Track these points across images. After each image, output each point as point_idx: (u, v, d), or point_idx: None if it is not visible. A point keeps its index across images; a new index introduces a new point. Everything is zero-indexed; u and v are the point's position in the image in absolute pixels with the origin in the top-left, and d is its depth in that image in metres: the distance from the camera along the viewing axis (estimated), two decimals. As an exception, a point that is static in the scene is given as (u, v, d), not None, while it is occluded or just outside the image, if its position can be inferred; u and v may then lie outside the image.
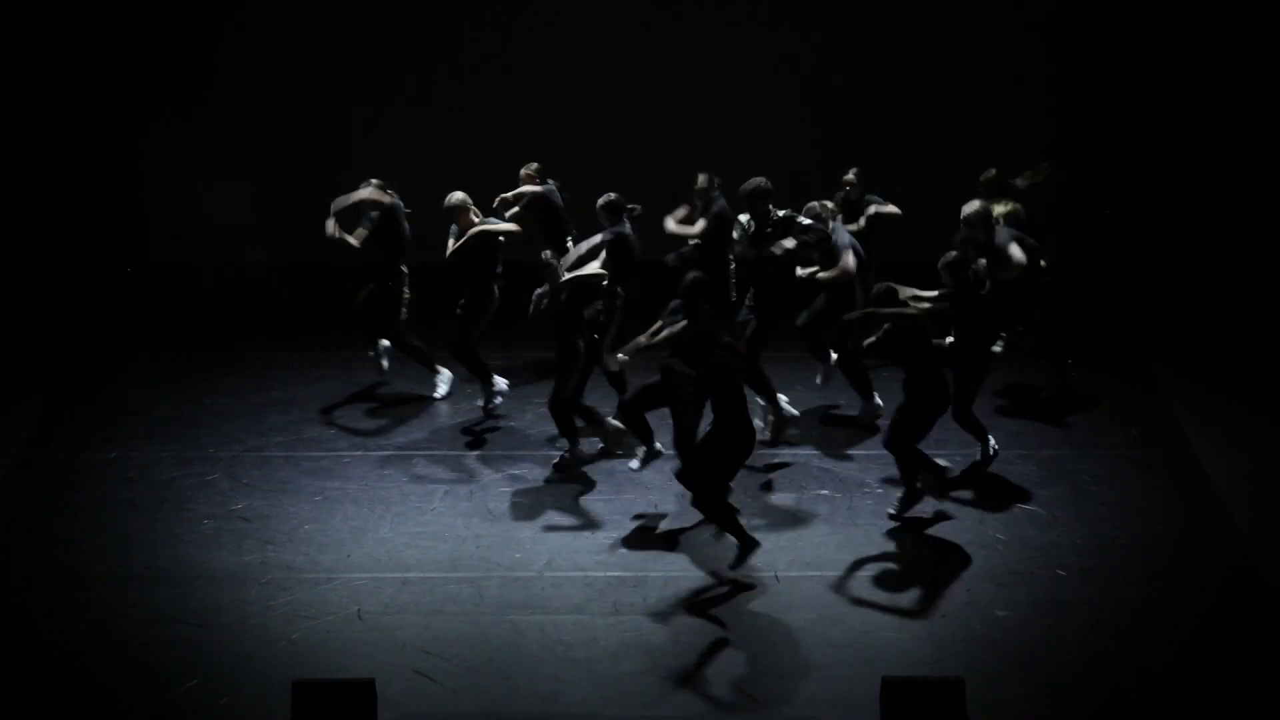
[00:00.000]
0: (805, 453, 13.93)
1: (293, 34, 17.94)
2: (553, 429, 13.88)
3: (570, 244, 14.51)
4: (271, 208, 17.67)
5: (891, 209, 15.44)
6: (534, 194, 15.06)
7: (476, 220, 14.29)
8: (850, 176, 15.55)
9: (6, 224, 16.51)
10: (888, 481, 13.23)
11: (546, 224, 15.14)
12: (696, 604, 11.72)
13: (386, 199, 14.80)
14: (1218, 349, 15.70)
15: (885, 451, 13.23)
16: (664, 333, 12.49)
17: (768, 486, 13.33)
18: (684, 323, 12.29)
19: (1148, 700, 10.63)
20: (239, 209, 17.43)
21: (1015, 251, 13.72)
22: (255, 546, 12.46)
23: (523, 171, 15.20)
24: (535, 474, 13.60)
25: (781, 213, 13.90)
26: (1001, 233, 13.89)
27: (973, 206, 13.92)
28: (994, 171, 15.20)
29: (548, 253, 13.51)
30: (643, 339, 12.64)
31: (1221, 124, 16.05)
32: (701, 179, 14.54)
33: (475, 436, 14.30)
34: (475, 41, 18.05)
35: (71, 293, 16.78)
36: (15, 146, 16.56)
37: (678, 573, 12.10)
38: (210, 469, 13.68)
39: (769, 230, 13.85)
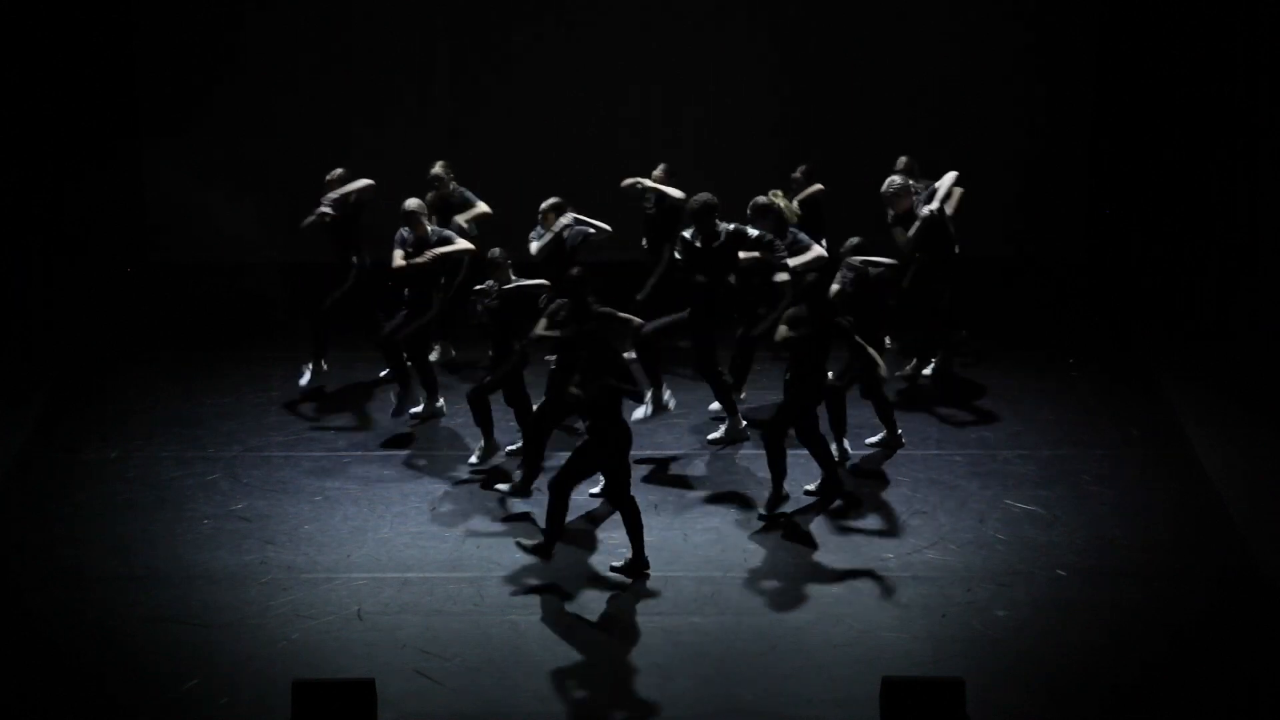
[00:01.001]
0: (803, 453, 13.90)
1: (293, 38, 17.93)
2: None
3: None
4: (271, 209, 17.65)
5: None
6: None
7: (430, 230, 14.12)
8: (797, 175, 15.44)
9: (8, 225, 16.49)
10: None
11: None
12: (696, 604, 11.71)
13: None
14: (1218, 349, 15.69)
15: (884, 453, 13.26)
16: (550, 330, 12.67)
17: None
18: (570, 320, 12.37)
19: (1148, 700, 10.63)
20: (239, 210, 17.41)
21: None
22: (255, 546, 12.46)
23: (433, 171, 15.16)
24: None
25: (730, 226, 13.78)
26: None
27: (894, 183, 14.66)
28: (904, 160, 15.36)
29: (497, 250, 13.41)
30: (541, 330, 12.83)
31: (1222, 123, 16.04)
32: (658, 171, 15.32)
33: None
34: (474, 47, 18.03)
35: (72, 293, 16.77)
36: (16, 148, 16.54)
37: (677, 573, 12.09)
38: (210, 469, 13.68)
39: (716, 245, 13.72)
